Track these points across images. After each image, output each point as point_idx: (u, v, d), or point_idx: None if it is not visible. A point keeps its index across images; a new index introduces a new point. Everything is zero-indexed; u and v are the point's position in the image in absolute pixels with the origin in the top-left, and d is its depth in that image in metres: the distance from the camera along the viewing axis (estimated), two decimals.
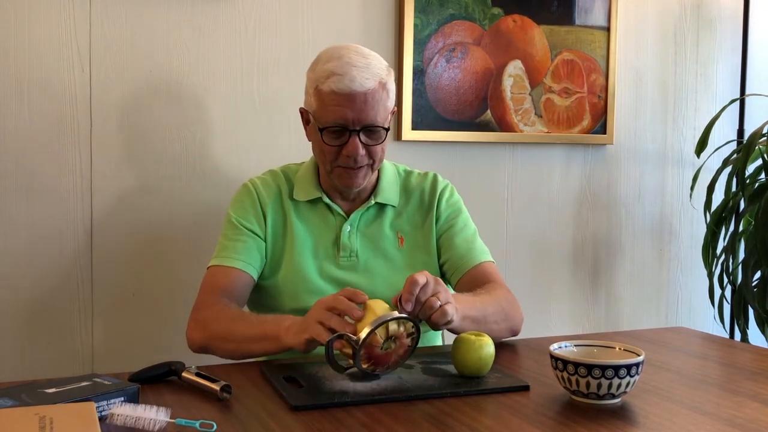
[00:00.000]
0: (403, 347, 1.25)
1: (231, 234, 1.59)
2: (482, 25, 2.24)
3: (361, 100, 1.47)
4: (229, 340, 1.43)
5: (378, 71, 1.50)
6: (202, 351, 1.49)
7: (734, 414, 1.13)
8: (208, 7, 1.96)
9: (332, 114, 1.48)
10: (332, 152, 1.52)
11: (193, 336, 1.50)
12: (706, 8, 2.59)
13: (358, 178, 1.55)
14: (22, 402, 1.03)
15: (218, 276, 1.55)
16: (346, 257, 1.58)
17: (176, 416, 1.05)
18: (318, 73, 1.50)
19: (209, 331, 1.47)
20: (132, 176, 1.92)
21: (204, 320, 1.49)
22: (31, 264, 1.84)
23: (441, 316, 1.27)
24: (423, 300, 1.25)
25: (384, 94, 1.51)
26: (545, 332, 2.38)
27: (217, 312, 1.48)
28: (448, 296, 1.30)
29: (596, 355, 1.22)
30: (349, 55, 1.49)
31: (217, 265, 1.56)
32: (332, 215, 1.61)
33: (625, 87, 2.49)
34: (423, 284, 1.25)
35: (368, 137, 1.51)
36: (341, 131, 1.50)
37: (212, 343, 1.46)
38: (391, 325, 1.21)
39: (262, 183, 1.64)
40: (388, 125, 1.55)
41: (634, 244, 2.55)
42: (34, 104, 1.83)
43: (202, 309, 1.51)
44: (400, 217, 1.64)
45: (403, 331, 1.23)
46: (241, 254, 1.56)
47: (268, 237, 1.59)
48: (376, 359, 1.23)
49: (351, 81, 1.46)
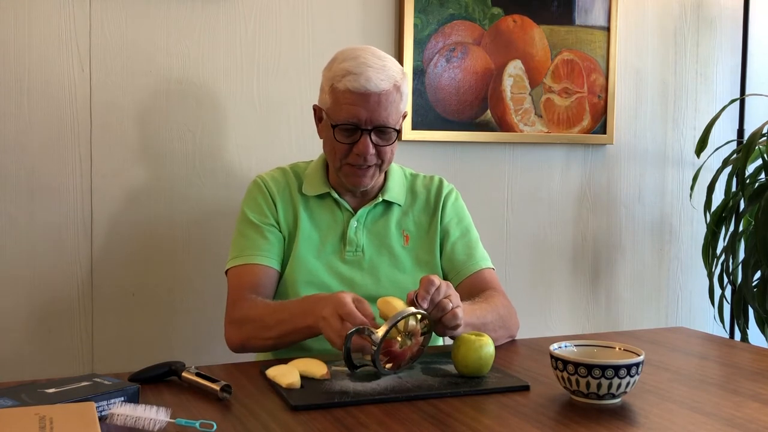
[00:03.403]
0: (417, 344, 1.28)
1: (248, 231, 1.61)
2: (482, 25, 2.24)
3: (375, 101, 1.49)
4: (266, 337, 1.46)
5: (393, 74, 1.52)
6: (241, 350, 1.53)
7: (734, 414, 1.13)
8: (208, 7, 1.96)
9: (345, 112, 1.51)
10: (343, 150, 1.54)
11: (231, 337, 1.53)
12: (706, 8, 2.59)
13: (366, 178, 1.57)
14: (22, 402, 1.03)
15: (243, 275, 1.57)
16: (352, 252, 1.60)
17: (176, 416, 1.05)
18: (334, 71, 1.53)
19: (245, 332, 1.49)
20: (132, 176, 1.92)
21: (237, 321, 1.51)
22: (31, 264, 1.84)
23: (452, 318, 1.30)
24: (436, 301, 1.29)
25: (397, 96, 1.53)
26: (545, 332, 2.38)
27: (247, 310, 1.50)
28: (458, 301, 1.34)
29: (596, 355, 1.22)
30: (366, 56, 1.52)
31: (240, 265, 1.58)
32: (340, 210, 1.63)
33: (625, 87, 2.49)
34: (437, 285, 1.29)
35: (379, 138, 1.54)
36: (353, 130, 1.52)
37: (250, 342, 1.49)
38: (410, 320, 1.24)
39: (270, 178, 1.66)
40: (400, 127, 1.57)
41: (634, 244, 2.55)
42: (34, 104, 1.82)
43: (234, 310, 1.53)
44: (407, 216, 1.66)
45: (419, 328, 1.25)
46: (262, 249, 1.58)
47: (282, 228, 1.61)
48: (393, 356, 1.25)
49: (366, 81, 1.48)
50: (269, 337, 1.45)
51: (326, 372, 1.25)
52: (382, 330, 1.22)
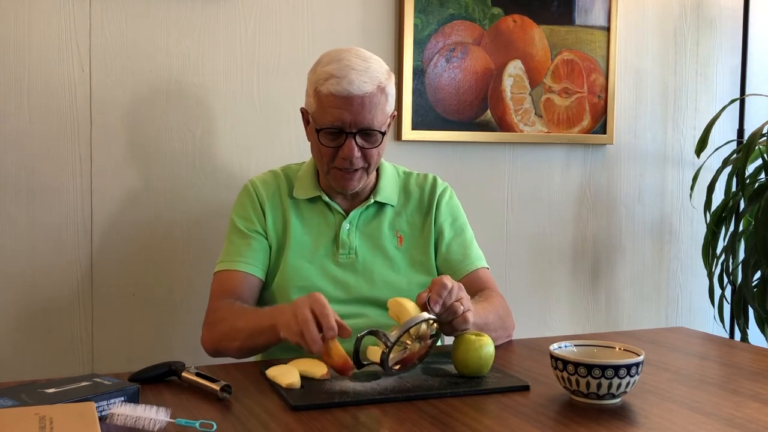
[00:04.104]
0: (426, 347, 1.28)
1: (234, 238, 1.61)
2: (482, 25, 2.24)
3: (359, 104, 1.48)
4: (233, 338, 1.46)
5: (377, 75, 1.50)
6: (216, 353, 1.52)
7: (734, 414, 1.13)
8: (208, 7, 1.96)
9: (329, 116, 1.49)
10: (329, 154, 1.53)
11: (204, 340, 1.54)
12: (706, 8, 2.59)
13: (353, 181, 1.56)
14: (22, 402, 1.03)
15: (224, 280, 1.57)
16: (345, 254, 1.59)
17: (176, 416, 1.05)
18: (318, 74, 1.51)
19: (216, 332, 1.50)
20: (132, 176, 1.92)
21: (211, 323, 1.52)
22: (31, 264, 1.84)
23: (462, 322, 1.30)
24: (448, 304, 1.28)
25: (383, 98, 1.51)
26: (545, 332, 2.38)
27: (222, 312, 1.50)
28: (469, 303, 1.33)
29: (596, 355, 1.22)
30: (349, 58, 1.50)
31: (222, 270, 1.58)
32: (332, 213, 1.62)
33: (625, 87, 2.49)
34: (450, 288, 1.29)
35: (364, 140, 1.52)
36: (338, 133, 1.51)
37: (221, 344, 1.49)
38: (422, 325, 1.25)
39: (261, 182, 1.65)
40: (386, 129, 1.55)
41: (634, 244, 2.55)
42: (34, 104, 1.82)
43: (211, 314, 1.54)
44: (400, 216, 1.65)
45: (429, 332, 1.27)
46: (245, 256, 1.57)
47: (270, 235, 1.60)
48: (402, 358, 1.25)
49: (349, 84, 1.46)
50: (237, 339, 1.45)
51: (326, 372, 1.25)
52: (395, 334, 1.22)
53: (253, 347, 1.46)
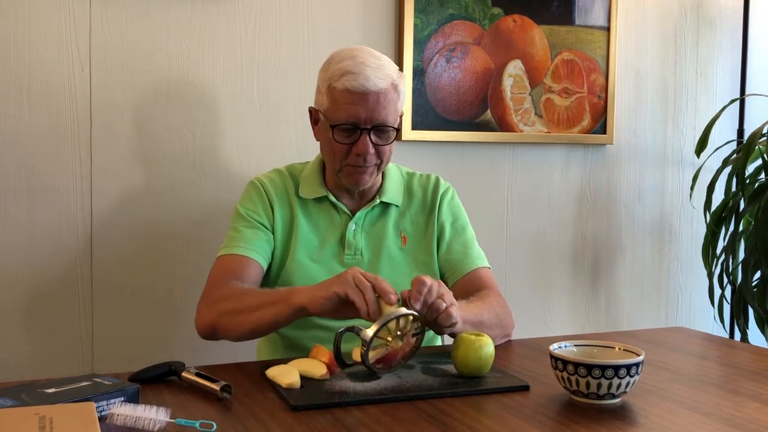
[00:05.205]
0: (409, 346, 1.27)
1: (240, 226, 1.60)
2: (482, 25, 2.24)
3: (374, 99, 1.49)
4: (239, 311, 1.42)
5: (390, 72, 1.52)
6: (211, 332, 1.48)
7: (734, 414, 1.13)
8: (208, 7, 1.96)
9: (345, 112, 1.50)
10: (342, 150, 1.54)
11: (201, 317, 1.49)
12: (706, 8, 2.59)
13: (365, 175, 1.56)
14: (22, 402, 1.03)
15: (228, 264, 1.55)
16: (351, 255, 1.60)
17: (176, 416, 1.05)
18: (332, 71, 1.52)
19: (218, 309, 1.46)
20: (132, 176, 1.92)
21: (214, 300, 1.48)
22: (31, 264, 1.84)
23: (446, 318, 1.30)
24: (429, 302, 1.29)
25: (395, 95, 1.53)
26: (545, 332, 2.38)
27: (226, 291, 1.47)
28: (452, 299, 1.33)
29: (596, 355, 1.22)
30: (363, 56, 1.52)
31: (225, 255, 1.57)
32: (338, 213, 1.62)
33: (625, 87, 2.49)
34: (429, 286, 1.29)
35: (378, 137, 1.53)
36: (353, 129, 1.52)
37: (222, 320, 1.45)
38: (401, 321, 1.24)
39: (268, 180, 1.65)
40: (398, 126, 1.57)
41: (634, 244, 2.55)
42: (34, 104, 1.82)
43: (212, 292, 1.51)
44: (404, 217, 1.66)
45: (410, 329, 1.25)
46: (251, 243, 1.57)
47: (276, 231, 1.61)
48: (383, 356, 1.24)
49: (365, 80, 1.48)
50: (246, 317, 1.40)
51: (326, 372, 1.25)
52: (372, 329, 1.22)
53: (258, 322, 1.40)
